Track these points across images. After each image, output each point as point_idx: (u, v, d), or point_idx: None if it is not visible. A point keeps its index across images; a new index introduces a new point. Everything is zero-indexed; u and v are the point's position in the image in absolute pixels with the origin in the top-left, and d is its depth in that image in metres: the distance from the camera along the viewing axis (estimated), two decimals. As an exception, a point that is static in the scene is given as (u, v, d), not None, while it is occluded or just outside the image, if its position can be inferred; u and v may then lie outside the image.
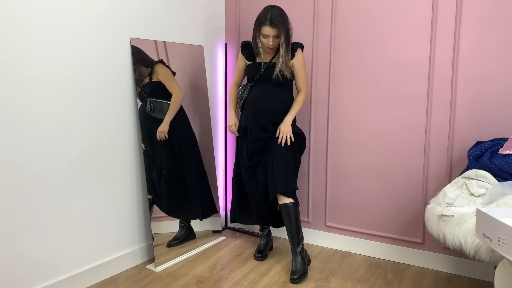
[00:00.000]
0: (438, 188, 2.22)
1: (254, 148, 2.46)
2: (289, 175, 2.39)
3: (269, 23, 2.31)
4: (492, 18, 2.23)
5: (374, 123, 2.59)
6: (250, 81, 2.51)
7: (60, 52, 2.01)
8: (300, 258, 2.36)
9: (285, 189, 2.36)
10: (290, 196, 2.37)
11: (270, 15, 2.32)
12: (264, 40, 2.37)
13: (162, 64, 2.56)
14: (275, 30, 2.32)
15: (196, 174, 2.78)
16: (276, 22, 2.31)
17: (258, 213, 2.57)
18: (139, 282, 2.28)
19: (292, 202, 2.36)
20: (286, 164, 2.40)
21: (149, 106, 2.45)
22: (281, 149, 2.40)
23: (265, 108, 2.43)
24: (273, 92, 2.44)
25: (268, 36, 2.34)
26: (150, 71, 2.50)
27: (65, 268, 2.11)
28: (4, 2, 1.77)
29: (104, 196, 2.29)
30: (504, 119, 2.22)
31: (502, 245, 1.23)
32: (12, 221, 1.87)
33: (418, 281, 2.34)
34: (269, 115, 2.43)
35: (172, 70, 2.62)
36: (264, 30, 2.34)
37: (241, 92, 2.55)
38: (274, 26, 2.31)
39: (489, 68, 2.25)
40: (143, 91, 2.45)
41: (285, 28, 2.34)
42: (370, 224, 2.66)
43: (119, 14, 2.30)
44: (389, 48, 2.50)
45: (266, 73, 2.44)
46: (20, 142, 1.87)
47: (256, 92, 2.47)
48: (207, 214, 2.86)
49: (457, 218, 1.72)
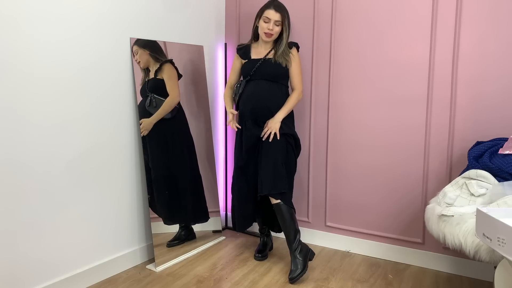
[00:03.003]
0: (438, 188, 2.22)
1: (249, 145, 2.47)
2: (277, 176, 2.36)
3: (273, 6, 2.41)
4: (492, 18, 2.23)
5: (374, 123, 2.59)
6: (245, 76, 2.52)
7: (60, 52, 2.01)
8: (296, 257, 2.32)
9: (271, 190, 2.35)
10: (278, 197, 2.36)
11: (275, 3, 2.43)
12: (265, 25, 2.41)
13: (171, 64, 2.59)
14: (278, 15, 2.40)
15: (189, 178, 2.73)
16: (280, 9, 2.42)
17: (242, 213, 2.56)
18: (139, 282, 2.28)
19: (280, 203, 2.36)
20: (274, 164, 2.37)
21: (149, 101, 2.45)
22: (271, 149, 2.39)
23: (260, 104, 2.44)
24: (268, 88, 2.45)
25: (269, 21, 2.39)
26: (157, 67, 2.51)
27: (65, 268, 2.11)
28: (5, 3, 1.77)
29: (104, 196, 2.29)
30: (504, 119, 2.22)
31: (502, 245, 1.23)
32: (12, 221, 1.87)
33: (418, 281, 2.34)
34: (264, 111, 2.44)
35: (180, 73, 2.64)
36: (267, 13, 2.40)
37: (236, 87, 2.57)
38: (278, 10, 2.40)
39: (489, 67, 2.25)
40: (146, 86, 2.46)
41: (287, 18, 2.44)
42: (370, 224, 2.66)
43: (119, 14, 2.30)
44: (389, 48, 2.50)
45: (261, 68, 2.45)
46: (21, 142, 1.87)
47: (251, 88, 2.48)
48: (199, 220, 2.81)
49: (457, 218, 1.72)
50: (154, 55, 2.47)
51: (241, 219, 2.61)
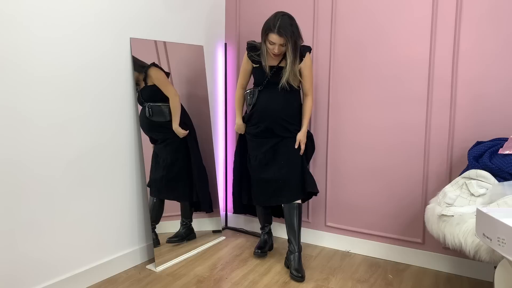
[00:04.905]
0: (438, 188, 2.22)
1: (265, 150, 2.48)
2: (308, 179, 2.50)
3: (277, 31, 2.26)
4: (492, 18, 2.23)
5: (374, 122, 2.59)
6: (258, 85, 2.48)
7: (60, 52, 2.01)
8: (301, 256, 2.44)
9: (311, 189, 2.50)
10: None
11: (279, 23, 2.26)
12: (270, 47, 2.33)
13: (154, 68, 2.52)
14: (281, 39, 2.28)
15: (202, 170, 2.82)
16: (284, 31, 2.26)
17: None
18: (139, 282, 2.28)
19: (299, 203, 2.47)
20: (302, 169, 2.49)
21: (147, 111, 2.46)
22: (295, 155, 2.47)
23: (275, 114, 2.43)
24: (282, 97, 2.43)
25: (274, 44, 2.30)
26: (144, 75, 2.48)
27: (65, 268, 2.11)
28: (5, 2, 1.77)
29: (104, 196, 2.29)
30: (504, 119, 2.22)
31: (502, 245, 1.23)
32: (12, 221, 1.87)
33: (418, 281, 2.34)
34: (279, 120, 2.43)
35: (166, 71, 2.60)
36: (271, 37, 2.29)
37: (250, 97, 2.53)
38: (282, 35, 2.26)
39: (489, 68, 2.25)
40: (140, 97, 2.45)
41: (292, 39, 2.28)
42: (370, 224, 2.66)
43: (119, 14, 2.30)
44: (388, 48, 2.51)
45: (274, 77, 2.42)
46: (20, 141, 1.87)
47: (265, 97, 2.45)
48: (204, 204, 2.87)
49: (457, 218, 1.72)
50: (136, 70, 2.43)
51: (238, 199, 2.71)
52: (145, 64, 2.49)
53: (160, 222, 2.54)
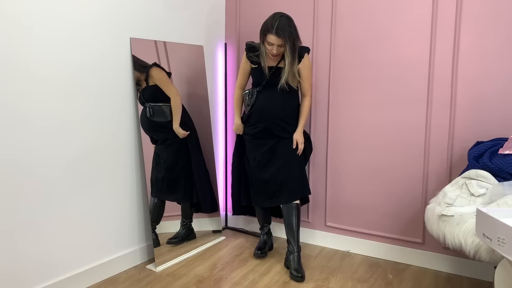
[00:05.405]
0: (438, 188, 2.22)
1: (263, 151, 2.48)
2: (303, 180, 2.52)
3: (275, 32, 2.26)
4: (492, 18, 2.23)
5: (374, 122, 2.59)
6: (257, 86, 2.49)
7: (60, 52, 2.01)
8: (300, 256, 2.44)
9: (301, 194, 2.51)
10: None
11: (277, 24, 2.26)
12: (269, 47, 2.34)
13: (156, 68, 2.53)
14: (280, 40, 2.28)
15: (203, 171, 2.83)
16: (282, 32, 2.26)
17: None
18: (139, 282, 2.28)
19: (298, 204, 2.47)
20: (300, 170, 2.50)
21: (148, 111, 2.46)
22: (293, 156, 2.47)
23: (273, 114, 2.43)
24: (281, 98, 2.43)
25: (272, 44, 2.31)
26: (145, 75, 2.49)
27: (65, 268, 2.11)
28: (5, 2, 1.77)
29: (104, 196, 2.29)
30: (504, 119, 2.22)
31: (502, 245, 1.23)
32: (12, 221, 1.87)
33: (418, 281, 2.34)
34: (277, 120, 2.44)
35: (167, 71, 2.61)
36: (269, 38, 2.30)
37: (248, 98, 2.53)
38: (280, 36, 2.27)
39: (489, 68, 2.25)
40: (142, 97, 2.45)
41: (291, 40, 2.29)
42: (370, 224, 2.66)
43: (119, 14, 2.30)
44: (388, 48, 2.51)
45: (272, 78, 2.43)
46: (21, 141, 1.87)
47: (263, 98, 2.46)
48: (205, 205, 2.87)
49: (457, 218, 1.71)
50: (137, 70, 2.44)
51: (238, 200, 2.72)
52: (147, 64, 2.49)
53: (160, 222, 2.54)
